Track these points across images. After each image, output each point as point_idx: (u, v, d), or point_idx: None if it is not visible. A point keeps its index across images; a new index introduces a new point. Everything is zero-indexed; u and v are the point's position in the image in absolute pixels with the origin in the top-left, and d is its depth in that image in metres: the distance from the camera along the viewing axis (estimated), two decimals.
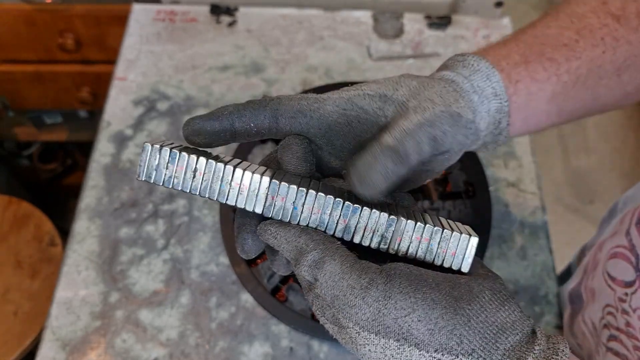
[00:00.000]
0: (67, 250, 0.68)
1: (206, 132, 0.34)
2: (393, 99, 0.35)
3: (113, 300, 0.65)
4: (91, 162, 0.74)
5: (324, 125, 0.36)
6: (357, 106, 0.35)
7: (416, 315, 0.29)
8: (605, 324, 0.52)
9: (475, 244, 0.32)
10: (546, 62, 0.40)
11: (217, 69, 0.83)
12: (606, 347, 0.51)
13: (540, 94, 0.41)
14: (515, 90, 0.40)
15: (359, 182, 0.32)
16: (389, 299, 0.29)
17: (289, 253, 0.32)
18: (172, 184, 0.32)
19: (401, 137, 0.33)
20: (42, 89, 1.28)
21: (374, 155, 0.32)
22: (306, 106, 0.35)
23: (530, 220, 0.71)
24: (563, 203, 1.88)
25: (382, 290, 0.29)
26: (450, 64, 0.40)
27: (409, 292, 0.29)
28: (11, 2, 1.10)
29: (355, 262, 0.31)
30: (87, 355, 0.62)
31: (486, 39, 0.87)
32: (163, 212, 0.70)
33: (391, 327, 0.29)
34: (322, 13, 0.89)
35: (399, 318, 0.29)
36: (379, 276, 0.30)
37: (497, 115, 0.39)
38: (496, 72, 0.39)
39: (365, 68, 0.84)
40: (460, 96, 0.36)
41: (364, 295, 0.29)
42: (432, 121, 0.34)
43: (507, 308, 0.30)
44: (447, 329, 0.29)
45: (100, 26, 1.14)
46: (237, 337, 0.63)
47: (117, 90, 0.80)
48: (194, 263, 0.67)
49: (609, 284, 0.52)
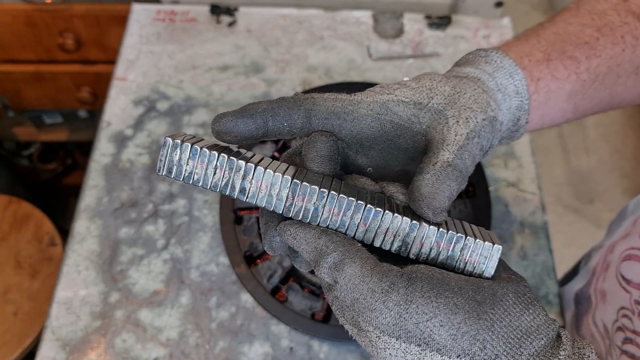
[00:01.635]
0: (67, 250, 0.68)
1: (238, 131, 0.33)
2: (428, 108, 0.35)
3: (113, 300, 0.65)
4: (91, 162, 0.74)
5: (357, 127, 0.35)
6: (391, 112, 0.35)
7: (438, 320, 0.28)
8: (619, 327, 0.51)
9: (499, 251, 0.32)
10: (567, 60, 0.40)
11: (217, 69, 0.83)
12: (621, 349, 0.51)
13: (560, 92, 0.41)
14: (536, 88, 0.40)
15: (424, 200, 0.31)
16: (411, 303, 0.29)
17: (308, 254, 0.32)
18: (193, 180, 0.32)
19: (460, 153, 0.33)
20: (42, 89, 1.28)
21: (437, 173, 0.32)
22: (340, 108, 0.35)
23: (530, 220, 0.71)
24: (563, 203, 1.88)
25: (403, 294, 0.29)
26: (472, 59, 0.40)
27: (431, 297, 0.29)
28: (11, 2, 1.10)
29: (376, 265, 0.30)
30: (87, 355, 0.62)
31: (486, 39, 0.87)
32: (163, 212, 0.70)
33: (412, 331, 0.29)
34: (322, 13, 0.89)
35: (420, 323, 0.28)
36: (400, 280, 0.29)
37: (517, 112, 0.39)
38: (519, 69, 0.39)
39: (365, 68, 0.84)
40: (490, 97, 0.36)
41: (385, 299, 0.29)
42: (478, 132, 0.34)
43: (532, 312, 0.30)
44: (470, 334, 0.28)
45: (100, 26, 1.14)
46: (237, 337, 0.63)
47: (117, 90, 0.80)
48: (194, 263, 0.67)
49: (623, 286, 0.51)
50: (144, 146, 0.75)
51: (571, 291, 0.64)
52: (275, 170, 0.31)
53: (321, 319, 0.61)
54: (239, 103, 0.79)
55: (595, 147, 2.00)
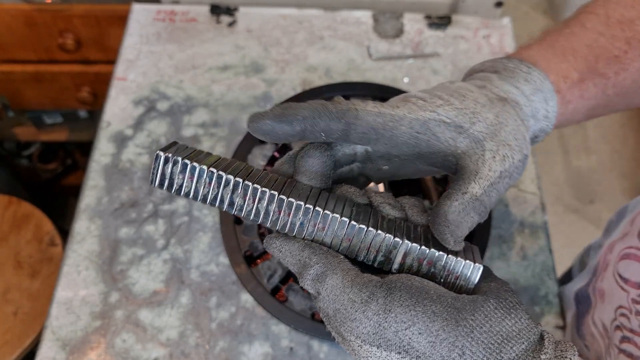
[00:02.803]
0: (67, 250, 0.68)
1: (275, 134, 0.33)
2: (469, 133, 0.35)
3: (113, 300, 0.65)
4: (91, 162, 0.74)
5: (392, 142, 0.35)
6: (430, 132, 0.35)
7: (416, 328, 0.29)
8: (617, 326, 0.51)
9: (480, 272, 0.32)
10: (597, 79, 0.41)
11: (217, 69, 0.83)
12: (619, 348, 0.51)
13: (583, 109, 0.42)
14: (564, 110, 0.40)
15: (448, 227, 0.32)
16: (389, 312, 0.29)
17: (293, 266, 0.33)
18: (183, 193, 0.33)
19: (489, 190, 0.33)
20: (42, 89, 1.28)
21: (465, 204, 0.33)
22: (381, 125, 0.35)
23: (530, 220, 0.71)
24: (563, 203, 1.88)
25: (382, 304, 0.29)
26: (513, 70, 0.39)
27: (409, 305, 0.29)
28: (11, 2, 1.10)
29: (357, 276, 0.31)
30: (87, 355, 0.62)
31: (486, 39, 0.87)
32: (163, 212, 0.70)
33: (392, 340, 0.29)
34: (322, 13, 0.89)
35: (399, 331, 0.29)
36: (379, 290, 0.30)
37: (539, 133, 0.40)
38: (554, 95, 0.39)
39: (365, 68, 0.84)
40: (527, 129, 0.37)
41: (365, 309, 0.29)
42: (511, 173, 0.34)
43: (514, 316, 0.30)
44: (449, 341, 0.29)
45: (100, 26, 1.14)
46: (237, 337, 0.63)
47: (117, 90, 0.80)
48: (194, 263, 0.67)
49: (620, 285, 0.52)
50: (144, 146, 0.75)
51: (571, 291, 0.64)
52: (262, 185, 0.32)
53: (321, 319, 0.61)
54: (239, 103, 0.79)
55: (595, 147, 2.00)
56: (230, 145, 0.75)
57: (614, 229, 0.59)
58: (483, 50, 0.86)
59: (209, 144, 0.75)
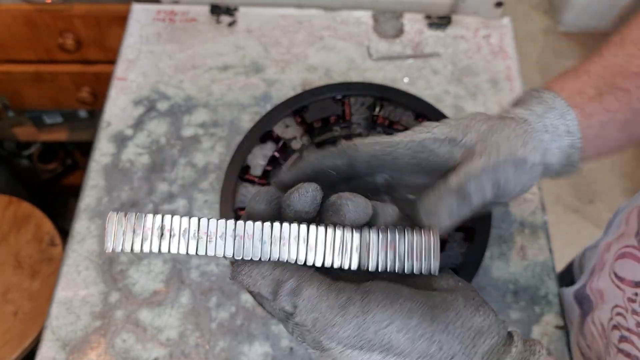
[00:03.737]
0: (67, 250, 0.68)
1: (291, 181, 0.36)
2: (461, 144, 0.37)
3: (113, 300, 0.65)
4: (91, 162, 0.74)
5: (396, 165, 0.38)
6: (427, 149, 0.37)
7: (395, 326, 0.30)
8: (614, 325, 0.52)
9: (436, 242, 0.33)
10: (618, 93, 0.42)
11: (217, 69, 0.83)
12: (617, 348, 0.51)
13: (613, 123, 0.42)
14: (589, 124, 0.41)
15: (425, 215, 0.35)
16: (368, 313, 0.30)
17: (266, 288, 0.32)
18: (142, 248, 0.32)
19: (465, 180, 0.35)
20: (42, 89, 1.28)
21: (440, 194, 0.35)
22: (380, 151, 0.38)
23: (530, 220, 0.71)
24: (563, 203, 1.88)
25: (359, 306, 0.30)
26: (525, 99, 0.42)
27: (386, 305, 0.30)
28: (11, 2, 1.10)
29: (332, 284, 0.31)
30: (87, 355, 0.62)
31: (486, 39, 0.87)
32: (163, 212, 0.70)
33: (373, 340, 0.30)
34: (322, 13, 0.89)
35: (379, 330, 0.30)
36: (355, 294, 0.31)
37: (569, 150, 0.41)
38: (571, 110, 0.40)
39: (365, 68, 0.84)
40: (530, 137, 0.38)
41: (343, 313, 0.30)
42: (496, 167, 0.36)
43: (482, 313, 0.31)
44: (426, 337, 0.30)
45: (100, 26, 1.14)
46: (237, 337, 0.63)
47: (117, 90, 0.80)
48: (194, 263, 0.67)
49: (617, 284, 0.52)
50: (144, 146, 0.75)
51: (569, 293, 0.64)
52: (218, 219, 0.32)
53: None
54: (239, 103, 0.79)
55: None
56: (230, 145, 0.75)
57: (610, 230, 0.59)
58: (483, 50, 0.86)
59: (209, 144, 0.76)
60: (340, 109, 0.73)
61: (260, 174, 0.69)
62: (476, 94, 0.81)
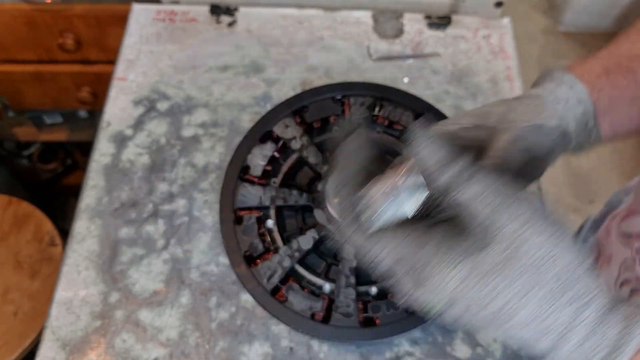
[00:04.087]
0: (67, 250, 0.68)
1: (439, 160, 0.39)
2: (485, 127, 0.42)
3: (113, 300, 0.65)
4: (91, 162, 0.74)
5: None
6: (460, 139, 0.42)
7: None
8: (622, 282, 0.55)
9: None
10: (625, 72, 0.46)
11: (217, 69, 0.83)
12: None
13: (622, 98, 0.46)
14: (598, 96, 0.45)
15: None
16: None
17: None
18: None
19: (504, 153, 0.40)
20: (42, 89, 1.28)
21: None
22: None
23: None
24: (563, 203, 1.88)
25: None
26: (538, 80, 0.47)
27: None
28: (11, 2, 1.10)
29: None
30: (87, 355, 0.62)
31: (486, 39, 0.87)
32: (163, 212, 0.70)
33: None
34: (322, 13, 0.89)
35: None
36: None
37: (584, 117, 0.45)
38: (579, 82, 0.45)
39: (365, 68, 0.84)
40: (544, 108, 0.43)
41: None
42: (518, 136, 0.40)
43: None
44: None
45: (100, 26, 1.14)
46: (237, 337, 0.63)
47: (117, 90, 0.80)
48: (194, 263, 0.67)
49: (624, 243, 0.56)
50: (144, 146, 0.75)
51: None
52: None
53: (321, 319, 0.61)
54: (239, 103, 0.79)
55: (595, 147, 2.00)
56: (230, 145, 0.75)
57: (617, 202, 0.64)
58: (483, 50, 0.86)
59: (209, 144, 0.76)
60: (340, 109, 0.73)
61: (260, 174, 0.69)
62: (476, 94, 0.81)
